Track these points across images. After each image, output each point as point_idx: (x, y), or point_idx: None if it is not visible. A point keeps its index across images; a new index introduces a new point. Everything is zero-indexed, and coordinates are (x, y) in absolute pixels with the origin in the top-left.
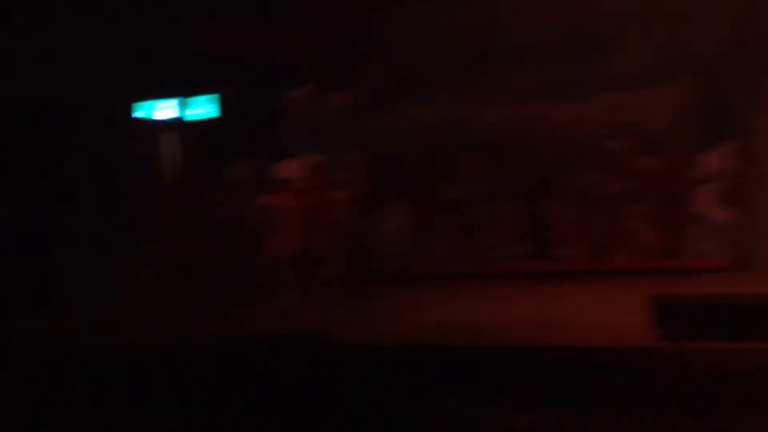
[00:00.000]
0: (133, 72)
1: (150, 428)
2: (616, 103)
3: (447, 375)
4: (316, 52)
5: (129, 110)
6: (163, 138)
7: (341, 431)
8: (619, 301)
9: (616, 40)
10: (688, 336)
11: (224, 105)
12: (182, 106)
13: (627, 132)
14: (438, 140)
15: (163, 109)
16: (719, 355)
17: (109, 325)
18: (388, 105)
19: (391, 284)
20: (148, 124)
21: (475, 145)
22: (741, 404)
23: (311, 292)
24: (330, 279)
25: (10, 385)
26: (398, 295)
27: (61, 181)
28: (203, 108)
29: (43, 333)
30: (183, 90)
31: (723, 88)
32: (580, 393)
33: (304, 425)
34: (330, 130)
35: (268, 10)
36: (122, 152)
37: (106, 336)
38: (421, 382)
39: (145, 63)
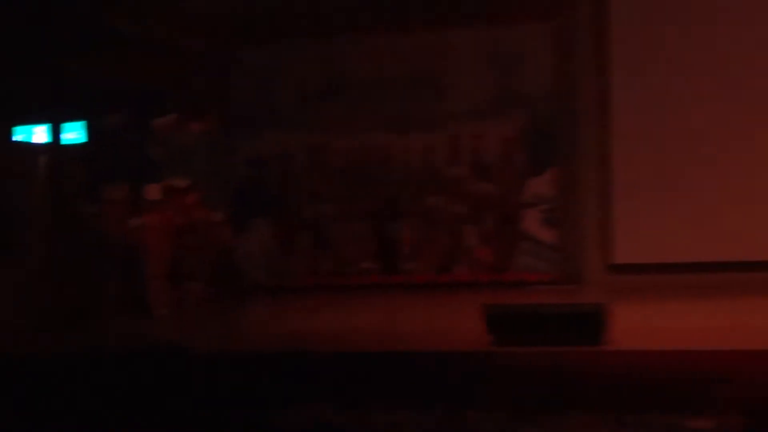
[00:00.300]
0: (11, 97)
1: None
2: (455, 135)
3: (300, 379)
4: (184, 83)
5: (9, 133)
6: (41, 160)
7: None
8: (458, 311)
9: (455, 79)
10: (514, 341)
11: (93, 131)
12: (56, 132)
13: (464, 160)
14: (297, 166)
15: (41, 134)
16: (541, 357)
17: None
18: (251, 133)
19: (255, 297)
20: (26, 146)
21: (331, 171)
22: (563, 402)
23: (180, 305)
24: (197, 293)
25: None
26: (261, 306)
27: None
28: (75, 133)
29: None
30: (59, 116)
31: (547, 123)
32: (422, 394)
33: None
34: (194, 155)
35: (141, 43)
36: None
37: None
38: (274, 386)
39: (23, 89)
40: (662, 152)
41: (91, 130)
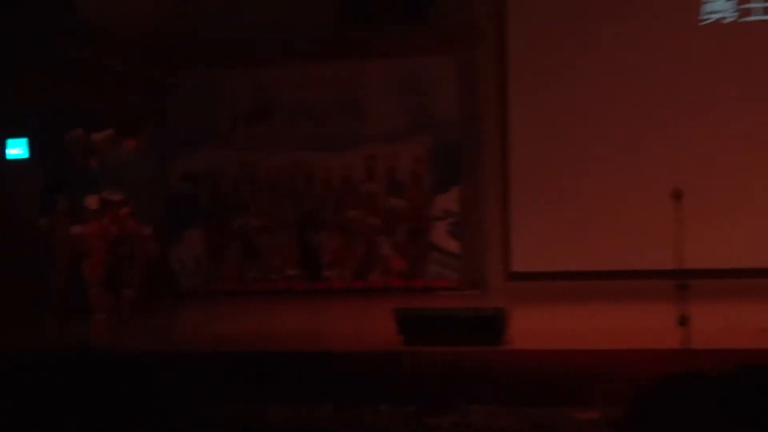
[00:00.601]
0: None
1: None
2: (370, 155)
3: (224, 377)
4: (124, 103)
5: None
6: None
7: None
8: (373, 314)
9: (371, 105)
10: (423, 341)
11: (34, 147)
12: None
13: (378, 178)
14: (227, 181)
15: None
16: (447, 356)
17: None
18: (186, 150)
19: (187, 301)
20: None
21: (259, 186)
22: (467, 396)
23: (117, 310)
24: (131, 299)
25: None
26: (192, 310)
27: None
28: (18, 149)
29: None
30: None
31: (452, 145)
32: (338, 390)
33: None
34: (130, 170)
35: (85, 67)
36: None
37: None
38: (197, 384)
39: None
40: (554, 171)
41: (34, 146)
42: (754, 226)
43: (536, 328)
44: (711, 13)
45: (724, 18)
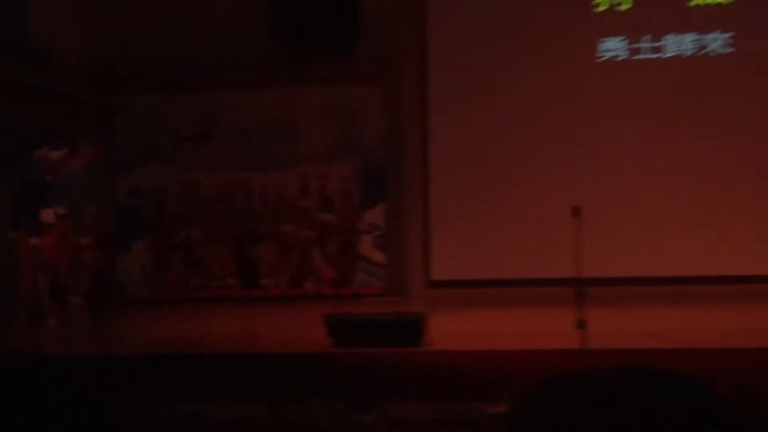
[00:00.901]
0: None
1: None
2: (304, 174)
3: (164, 378)
4: (75, 123)
5: None
6: None
7: None
8: (306, 319)
9: (305, 128)
10: (350, 343)
11: None
12: None
13: (311, 195)
14: (172, 197)
15: None
16: (372, 356)
17: None
18: (133, 168)
19: (134, 308)
20: None
21: (201, 201)
22: (390, 393)
23: (64, 316)
24: (80, 306)
25: None
26: (138, 316)
27: None
28: None
29: None
30: None
31: (379, 165)
32: (272, 389)
33: None
34: (81, 185)
35: (38, 90)
36: None
37: None
38: (138, 385)
39: None
40: (471, 190)
41: None
42: (644, 239)
43: (453, 330)
44: (606, 51)
45: (617, 56)
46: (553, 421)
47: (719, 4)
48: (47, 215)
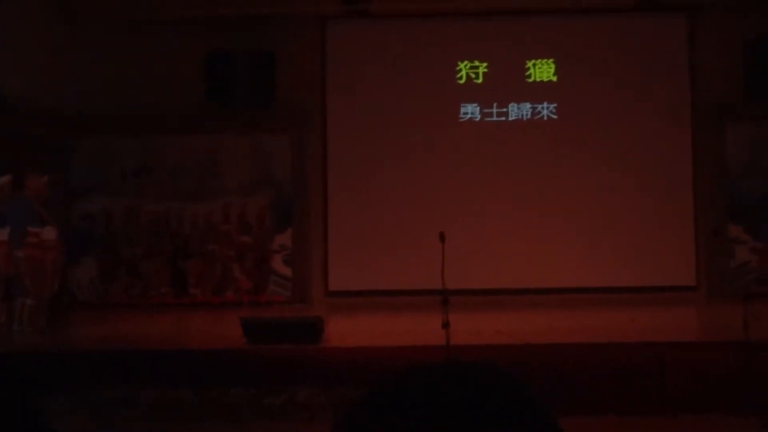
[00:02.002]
0: None
1: None
2: (227, 203)
3: (106, 369)
4: (34, 160)
5: None
6: None
7: None
8: (226, 322)
9: (228, 167)
10: (262, 341)
11: None
12: None
13: (233, 221)
14: (118, 220)
15: None
16: (280, 351)
17: None
18: (85, 197)
19: (81, 312)
20: None
21: (142, 224)
22: (295, 380)
23: (20, 320)
24: (36, 310)
25: None
26: (84, 319)
27: None
28: None
29: None
30: None
31: (288, 198)
32: (198, 378)
33: None
34: (27, 210)
35: None
36: None
37: None
38: (84, 374)
39: None
40: (361, 218)
41: None
42: (493, 259)
43: (346, 330)
44: (465, 113)
45: (474, 117)
46: (390, 406)
47: (549, 81)
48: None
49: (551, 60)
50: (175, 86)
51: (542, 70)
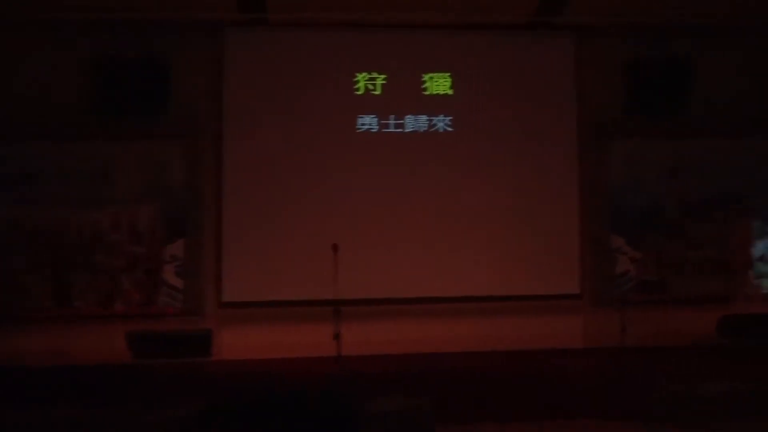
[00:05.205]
0: None
1: None
2: (117, 212)
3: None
4: None
5: None
6: None
7: None
8: (114, 335)
9: (119, 174)
10: (149, 355)
11: None
12: None
13: (123, 230)
14: (2, 232)
15: None
16: (168, 366)
17: None
18: None
19: None
20: None
21: (24, 234)
22: (184, 394)
23: None
24: None
25: None
26: None
27: None
28: None
29: None
30: None
31: (181, 207)
32: (83, 394)
33: None
34: None
35: None
36: None
37: None
38: None
39: None
40: (255, 230)
41: None
42: (385, 270)
43: (239, 343)
44: (363, 124)
45: (371, 129)
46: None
47: (446, 94)
48: None
49: (447, 74)
50: (61, 91)
51: (439, 84)
